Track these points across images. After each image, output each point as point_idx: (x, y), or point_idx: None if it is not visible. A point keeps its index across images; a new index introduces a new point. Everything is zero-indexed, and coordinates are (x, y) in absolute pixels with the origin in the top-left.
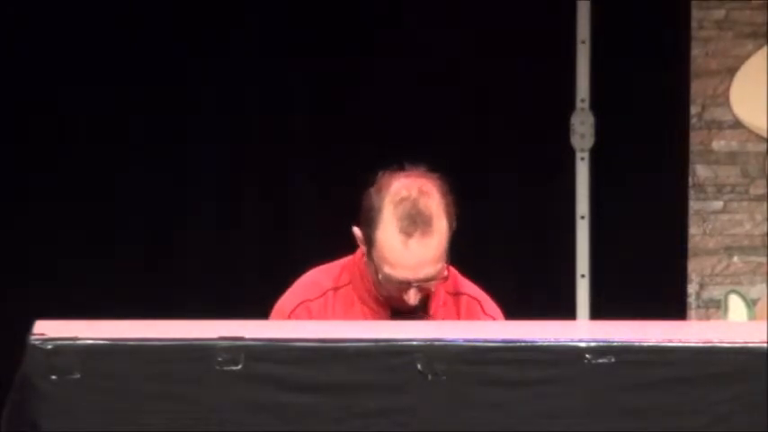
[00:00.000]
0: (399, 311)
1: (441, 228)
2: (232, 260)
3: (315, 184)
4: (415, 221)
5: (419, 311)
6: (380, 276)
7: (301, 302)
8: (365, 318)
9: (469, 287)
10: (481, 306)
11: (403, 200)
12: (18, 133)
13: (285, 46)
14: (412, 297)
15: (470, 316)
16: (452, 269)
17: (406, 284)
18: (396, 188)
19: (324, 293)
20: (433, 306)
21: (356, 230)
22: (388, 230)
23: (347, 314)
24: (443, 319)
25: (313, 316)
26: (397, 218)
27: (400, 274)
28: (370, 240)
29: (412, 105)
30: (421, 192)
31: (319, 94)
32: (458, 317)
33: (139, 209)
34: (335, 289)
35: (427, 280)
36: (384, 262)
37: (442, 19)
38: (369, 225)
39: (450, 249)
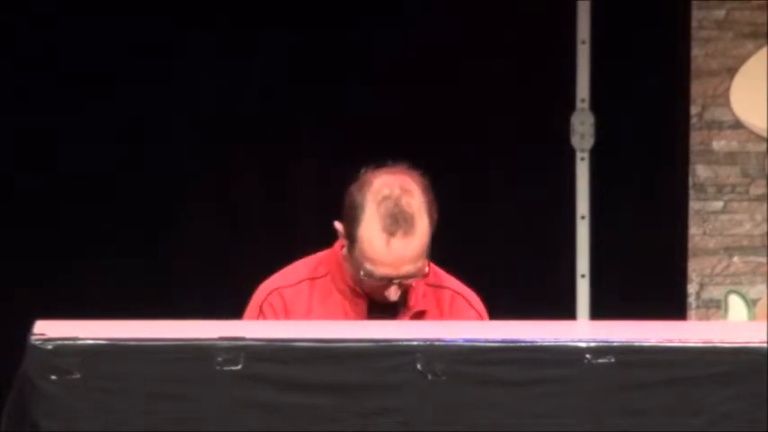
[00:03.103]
0: (378, 303)
1: (422, 226)
2: (232, 260)
3: (315, 183)
4: (397, 220)
5: (399, 303)
6: (362, 273)
7: (275, 289)
8: (343, 307)
9: (452, 282)
10: (468, 301)
11: (385, 198)
12: (17, 132)
13: (285, 46)
14: (392, 293)
15: (457, 311)
16: (431, 263)
17: (387, 281)
18: (377, 186)
19: (299, 282)
20: (413, 298)
21: (338, 225)
22: (371, 228)
23: (325, 304)
24: (423, 309)
25: (286, 302)
26: (380, 216)
27: (381, 271)
28: (351, 237)
29: (412, 105)
30: (403, 190)
31: (319, 93)
32: (439, 310)
33: (139, 209)
34: (312, 279)
35: (408, 277)
36: (365, 259)
37: (442, 19)
38: (351, 222)
39: (431, 245)
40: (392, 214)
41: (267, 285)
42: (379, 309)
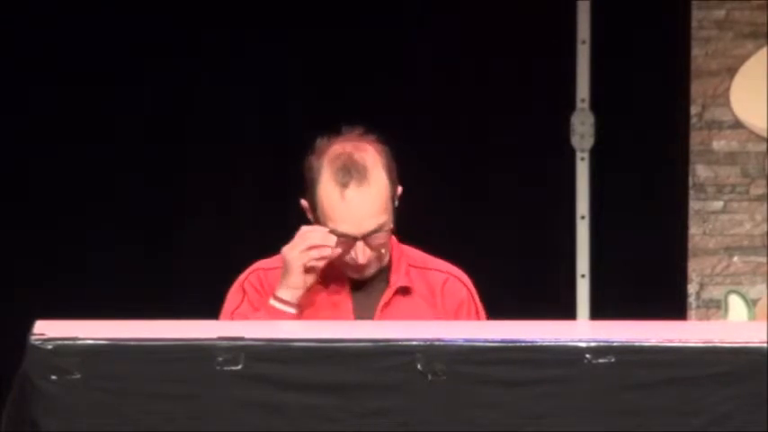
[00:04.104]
0: (358, 283)
1: (378, 179)
2: (232, 260)
3: None
4: (349, 171)
5: (381, 282)
6: None
7: (256, 269)
8: (325, 291)
9: (438, 263)
10: (461, 281)
11: (339, 155)
12: (17, 132)
13: (285, 45)
14: (360, 253)
15: (449, 291)
16: (413, 248)
17: (352, 240)
18: (333, 149)
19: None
20: (393, 276)
21: (303, 202)
22: (327, 186)
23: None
24: (407, 286)
25: (264, 282)
26: (332, 172)
27: (343, 228)
28: (313, 204)
29: (412, 105)
30: (356, 147)
31: (318, 93)
32: (429, 291)
33: (139, 208)
34: None
35: (371, 233)
36: (327, 219)
37: (442, 19)
38: (311, 189)
39: (396, 212)
40: (344, 167)
41: (253, 266)
42: (360, 288)
